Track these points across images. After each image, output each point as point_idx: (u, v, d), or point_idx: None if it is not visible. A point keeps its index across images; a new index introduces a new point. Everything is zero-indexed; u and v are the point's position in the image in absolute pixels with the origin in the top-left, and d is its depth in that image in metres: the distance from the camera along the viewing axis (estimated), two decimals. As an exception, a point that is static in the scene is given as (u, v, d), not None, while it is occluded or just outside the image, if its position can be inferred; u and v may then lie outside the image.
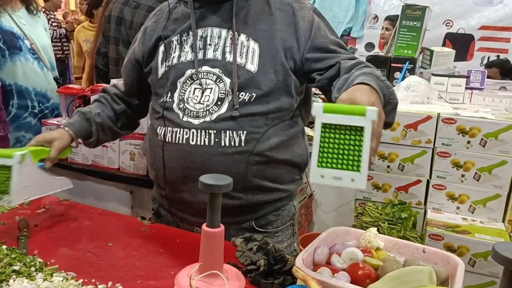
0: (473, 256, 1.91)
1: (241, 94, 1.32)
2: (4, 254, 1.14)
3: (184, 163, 1.34)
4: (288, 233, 1.49)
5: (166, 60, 1.41)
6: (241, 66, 1.33)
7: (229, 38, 1.35)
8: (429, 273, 0.92)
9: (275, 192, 1.40)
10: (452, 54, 2.75)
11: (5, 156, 1.26)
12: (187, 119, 1.33)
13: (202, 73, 1.35)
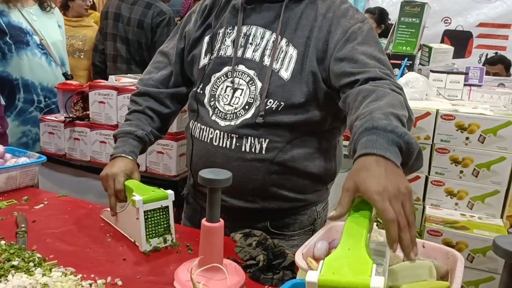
0: (471, 252, 1.91)
1: (269, 101, 1.28)
2: (2, 250, 1.14)
3: (207, 161, 1.34)
4: (305, 238, 1.30)
5: (209, 52, 1.40)
6: (275, 71, 1.29)
7: (271, 41, 1.31)
8: (429, 267, 0.92)
9: (293, 202, 1.37)
10: (451, 51, 2.75)
11: (163, 197, 1.23)
12: (215, 118, 1.33)
13: (237, 72, 1.33)
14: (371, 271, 0.68)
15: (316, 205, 1.43)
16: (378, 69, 1.15)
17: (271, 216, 1.38)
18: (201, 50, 1.42)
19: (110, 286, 1.05)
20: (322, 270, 0.69)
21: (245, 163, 1.29)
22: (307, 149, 1.32)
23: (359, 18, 1.29)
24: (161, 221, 1.23)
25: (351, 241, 0.76)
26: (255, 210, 1.35)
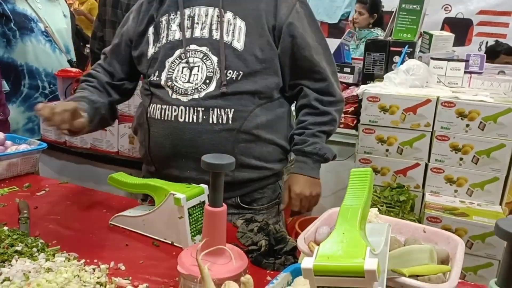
0: (470, 238, 1.93)
1: (228, 72, 1.34)
2: (5, 235, 1.14)
3: (173, 140, 1.37)
4: (273, 211, 1.54)
5: (157, 41, 1.44)
6: (228, 44, 1.35)
7: (215, 16, 1.37)
8: (430, 251, 0.93)
9: (261, 170, 1.44)
10: (451, 38, 2.74)
11: (200, 192, 1.21)
12: (176, 96, 1.36)
13: (190, 52, 1.37)
14: (365, 253, 0.69)
15: (278, 181, 1.56)
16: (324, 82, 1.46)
17: (240, 190, 1.44)
18: (148, 41, 1.46)
19: (113, 270, 1.06)
20: (317, 256, 0.70)
21: (214, 135, 1.34)
22: (269, 116, 1.41)
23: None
24: (200, 217, 1.20)
25: (345, 225, 0.76)
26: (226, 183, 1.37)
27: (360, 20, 4.23)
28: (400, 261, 0.91)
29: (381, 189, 2.18)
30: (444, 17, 4.56)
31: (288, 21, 1.38)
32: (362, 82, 2.70)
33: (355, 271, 0.67)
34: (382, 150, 2.18)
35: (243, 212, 1.46)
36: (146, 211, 1.25)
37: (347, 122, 2.72)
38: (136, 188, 1.28)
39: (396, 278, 0.85)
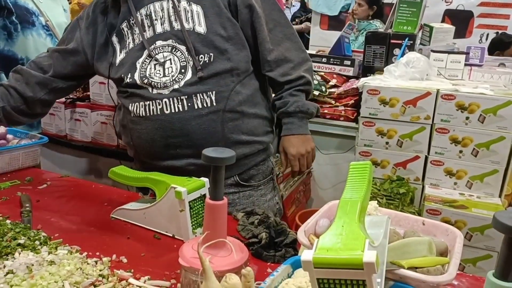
0: (469, 230, 1.94)
1: (200, 56, 1.38)
2: (8, 229, 1.15)
3: (164, 132, 1.39)
4: (269, 186, 1.60)
5: (124, 48, 1.46)
6: (191, 30, 1.38)
7: (171, 8, 1.40)
8: (429, 243, 0.94)
9: (252, 144, 1.48)
10: (452, 31, 2.73)
11: (201, 186, 1.20)
12: (157, 91, 1.39)
13: (157, 49, 1.40)
14: (363, 246, 0.70)
15: (269, 156, 1.61)
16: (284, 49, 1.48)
17: (237, 168, 1.48)
18: (114, 50, 1.48)
19: (115, 263, 1.07)
20: (316, 248, 0.71)
21: (202, 119, 1.37)
22: (248, 91, 1.46)
23: None
24: (201, 210, 1.21)
25: (345, 217, 0.77)
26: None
27: (359, 12, 4.22)
28: (399, 253, 0.92)
29: (381, 182, 2.19)
30: (444, 9, 4.53)
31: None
32: (362, 75, 2.70)
33: (354, 264, 0.67)
34: (382, 143, 2.19)
35: (242, 189, 1.52)
36: (147, 204, 1.26)
37: (347, 114, 2.73)
38: (137, 182, 1.28)
39: (395, 270, 0.86)
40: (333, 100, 2.78)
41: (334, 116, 2.76)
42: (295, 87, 1.49)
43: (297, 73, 1.48)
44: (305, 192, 2.94)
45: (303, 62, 1.51)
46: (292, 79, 1.48)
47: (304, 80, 1.49)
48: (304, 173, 1.59)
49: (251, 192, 1.53)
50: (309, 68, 1.53)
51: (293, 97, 1.49)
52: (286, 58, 1.47)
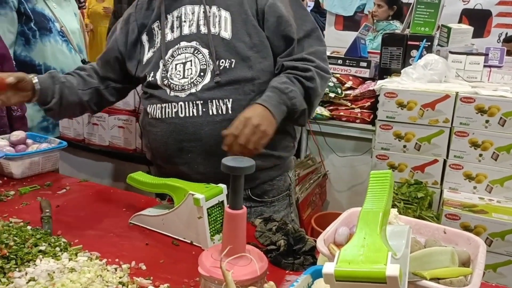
0: (489, 236, 1.91)
1: (221, 61, 1.37)
2: (29, 235, 1.16)
3: (177, 136, 1.39)
4: (284, 203, 1.53)
5: (152, 47, 1.47)
6: (216, 35, 1.38)
7: (201, 12, 1.41)
8: (451, 254, 0.93)
9: (267, 158, 1.42)
10: (470, 31, 2.69)
11: (219, 192, 1.20)
12: (174, 93, 1.39)
13: (181, 49, 1.41)
14: (386, 259, 0.69)
15: (287, 171, 1.54)
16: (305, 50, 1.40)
17: (251, 183, 1.43)
18: (144, 48, 1.49)
19: (134, 270, 1.08)
20: (338, 261, 0.70)
21: (215, 126, 1.34)
22: None
23: None
24: (219, 217, 1.21)
25: (366, 229, 0.76)
26: None
27: (379, 13, 4.18)
28: (421, 263, 0.91)
29: (398, 186, 2.17)
30: (462, 9, 4.47)
31: (268, 2, 1.39)
32: (379, 77, 2.68)
33: (377, 277, 0.67)
34: (399, 146, 2.17)
35: (254, 205, 1.47)
36: (165, 210, 1.26)
37: (364, 117, 2.71)
38: (155, 188, 1.29)
39: (417, 281, 0.85)
40: (349, 102, 2.77)
41: (350, 118, 2.75)
42: (297, 75, 1.35)
43: (308, 66, 1.37)
44: (321, 195, 2.92)
45: (322, 69, 1.40)
46: (298, 67, 1.37)
47: (310, 74, 1.36)
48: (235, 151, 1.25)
49: (263, 208, 1.47)
50: (323, 76, 1.40)
51: (290, 82, 1.34)
52: (305, 58, 1.39)
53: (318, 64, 1.39)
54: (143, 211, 1.32)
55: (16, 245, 1.10)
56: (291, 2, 1.43)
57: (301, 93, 1.35)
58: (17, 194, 1.49)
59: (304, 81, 1.36)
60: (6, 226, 1.20)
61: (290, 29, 1.38)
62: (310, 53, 1.40)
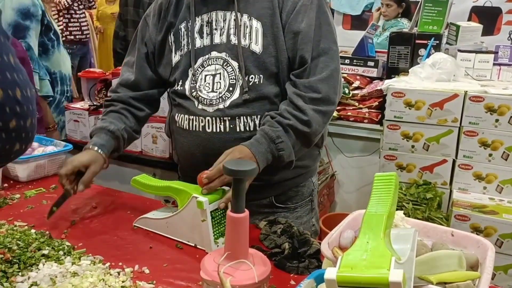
0: (500, 237, 1.88)
1: (250, 77, 1.31)
2: (33, 239, 1.16)
3: (203, 150, 1.36)
4: (306, 208, 1.51)
5: (178, 49, 1.41)
6: (246, 48, 1.32)
7: (232, 20, 1.33)
8: (459, 257, 0.90)
9: (295, 169, 1.40)
10: (479, 29, 2.65)
11: (222, 195, 1.18)
12: (202, 107, 1.35)
13: (211, 59, 1.35)
14: (389, 264, 0.67)
15: (311, 177, 1.51)
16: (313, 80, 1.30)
17: (275, 191, 1.42)
18: (171, 49, 1.43)
19: (138, 274, 1.07)
20: (340, 266, 0.69)
21: (242, 142, 1.29)
22: None
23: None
24: (223, 220, 1.20)
25: (370, 233, 0.75)
26: (261, 186, 1.35)
27: (389, 12, 4.14)
28: (427, 267, 0.89)
29: (407, 186, 2.14)
30: (471, 6, 4.42)
31: (291, 16, 1.30)
32: (387, 76, 2.65)
33: (380, 283, 0.65)
34: (407, 146, 2.14)
35: (277, 211, 1.43)
36: (169, 213, 1.25)
37: (371, 117, 2.68)
38: (159, 191, 1.28)
39: (423, 285, 0.83)
40: (356, 102, 2.74)
41: (357, 118, 2.72)
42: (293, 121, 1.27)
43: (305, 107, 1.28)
44: (328, 196, 2.90)
45: (322, 100, 1.30)
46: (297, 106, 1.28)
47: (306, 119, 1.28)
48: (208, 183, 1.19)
49: (285, 214, 1.43)
50: (324, 111, 1.31)
51: (283, 130, 1.27)
52: (313, 87, 1.30)
53: (323, 96, 1.29)
54: (147, 214, 1.31)
55: (19, 249, 1.10)
56: (318, 15, 1.31)
57: (292, 143, 1.28)
58: (23, 197, 1.49)
59: (299, 127, 1.28)
60: (11, 230, 1.21)
61: (305, 48, 1.29)
62: (321, 80, 1.29)
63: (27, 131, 0.66)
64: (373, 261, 0.68)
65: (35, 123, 0.67)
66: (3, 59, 0.59)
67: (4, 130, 0.62)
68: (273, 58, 1.31)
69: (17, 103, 0.61)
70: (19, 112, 0.62)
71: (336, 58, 1.34)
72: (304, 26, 1.30)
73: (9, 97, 0.60)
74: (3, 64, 0.59)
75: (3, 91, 0.59)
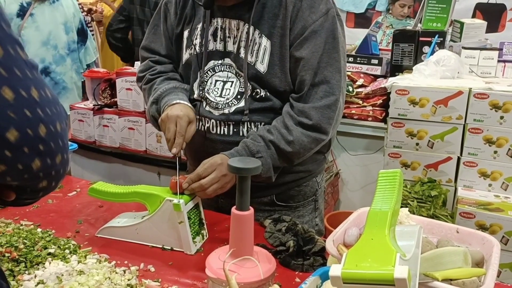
0: (506, 234, 1.87)
1: (256, 91, 1.30)
2: (39, 237, 1.17)
3: (207, 149, 1.36)
4: (309, 208, 1.49)
5: (189, 47, 1.39)
6: (251, 65, 1.29)
7: (245, 32, 1.30)
8: (464, 254, 0.90)
9: (297, 173, 1.40)
10: (484, 26, 2.64)
11: (194, 195, 1.20)
12: (208, 108, 1.35)
13: (224, 66, 1.34)
14: (394, 261, 0.67)
15: (316, 176, 1.48)
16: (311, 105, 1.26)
17: (276, 190, 1.41)
18: (183, 45, 1.40)
19: (143, 272, 1.07)
20: (345, 262, 0.69)
21: None
22: None
23: (323, 10, 1.25)
24: (196, 219, 1.20)
25: (374, 230, 0.75)
26: (262, 186, 1.34)
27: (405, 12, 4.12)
28: (432, 264, 0.88)
29: (411, 184, 2.14)
30: (476, 3, 4.40)
31: (298, 41, 1.26)
32: (391, 74, 2.64)
33: (385, 279, 0.65)
34: (412, 144, 2.14)
35: (278, 209, 1.43)
36: (138, 219, 1.22)
37: (375, 115, 2.67)
38: (123, 197, 1.22)
39: (428, 282, 0.83)
40: (360, 100, 2.74)
41: (361, 116, 2.72)
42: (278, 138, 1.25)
43: (294, 129, 1.26)
44: (333, 194, 2.90)
45: (312, 127, 1.27)
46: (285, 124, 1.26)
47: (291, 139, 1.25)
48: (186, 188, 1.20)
49: (287, 212, 1.41)
50: (313, 138, 1.27)
51: (265, 146, 1.26)
52: (305, 113, 1.26)
53: (314, 124, 1.26)
54: (111, 222, 1.27)
55: (25, 248, 1.11)
56: (327, 41, 1.26)
57: (273, 160, 1.26)
58: (28, 197, 1.50)
59: (282, 145, 1.25)
60: (17, 229, 1.21)
61: (305, 75, 1.26)
62: (315, 108, 1.26)
63: (57, 169, 0.58)
64: (378, 258, 0.68)
65: (67, 158, 0.60)
66: (21, 95, 0.52)
67: (27, 172, 0.55)
68: (277, 79, 1.28)
69: (40, 141, 0.54)
70: (43, 151, 0.55)
71: (338, 89, 1.27)
72: (307, 53, 1.25)
73: (28, 137, 0.52)
74: (21, 100, 0.52)
75: (19, 132, 0.51)
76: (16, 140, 0.51)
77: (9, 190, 0.59)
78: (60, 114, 0.58)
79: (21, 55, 0.54)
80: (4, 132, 0.50)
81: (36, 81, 0.55)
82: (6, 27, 0.52)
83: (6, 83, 0.50)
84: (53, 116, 0.56)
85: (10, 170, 0.53)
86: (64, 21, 2.86)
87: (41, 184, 0.58)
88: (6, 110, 0.50)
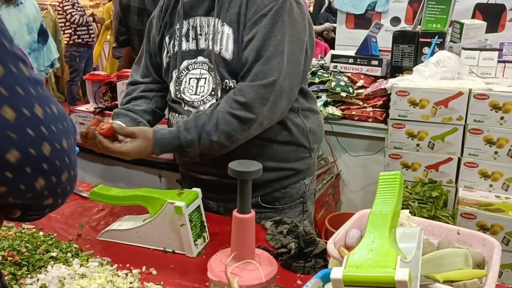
0: (507, 235, 1.87)
1: (225, 81, 1.32)
2: (41, 241, 1.17)
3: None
4: (297, 210, 1.48)
5: (168, 51, 1.44)
6: (217, 54, 1.31)
7: (211, 25, 1.33)
8: (465, 255, 0.90)
9: (280, 171, 1.41)
10: (483, 27, 2.64)
11: (196, 197, 1.20)
12: (187, 108, 1.39)
13: (198, 64, 1.37)
14: (395, 263, 0.68)
15: (304, 179, 1.48)
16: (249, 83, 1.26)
17: (260, 191, 1.41)
18: (164, 50, 1.45)
19: (145, 275, 1.08)
20: (346, 265, 0.69)
21: None
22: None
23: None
24: (197, 222, 1.21)
25: (375, 232, 0.75)
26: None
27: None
28: (433, 265, 0.89)
29: (412, 185, 2.14)
30: (475, 3, 4.40)
31: (247, 25, 1.28)
32: (391, 75, 2.65)
33: (386, 282, 0.65)
34: (412, 145, 2.14)
35: (264, 211, 1.43)
36: (139, 222, 1.23)
37: (376, 116, 2.68)
38: (125, 201, 1.24)
39: (429, 284, 0.83)
40: (360, 101, 2.74)
41: (362, 117, 2.72)
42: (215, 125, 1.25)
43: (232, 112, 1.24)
44: (334, 195, 2.90)
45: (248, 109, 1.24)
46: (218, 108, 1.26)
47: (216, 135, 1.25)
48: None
49: (272, 215, 1.41)
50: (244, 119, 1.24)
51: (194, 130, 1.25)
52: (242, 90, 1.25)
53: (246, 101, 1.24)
54: (113, 225, 1.28)
55: (28, 251, 1.11)
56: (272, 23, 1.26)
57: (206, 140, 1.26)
58: (30, 200, 1.50)
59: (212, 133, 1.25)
60: (19, 233, 1.22)
61: (248, 56, 1.27)
62: (252, 86, 1.25)
63: (63, 186, 0.55)
64: (379, 260, 0.69)
65: (74, 174, 0.57)
66: (23, 113, 0.49)
67: (30, 192, 0.52)
68: (243, 65, 1.29)
69: (44, 160, 0.51)
70: (47, 170, 0.52)
71: (277, 70, 1.25)
72: (253, 35, 1.26)
73: (30, 156, 0.50)
74: (23, 119, 0.49)
75: (20, 152, 0.49)
76: (17, 160, 0.49)
77: (14, 207, 0.57)
78: (68, 130, 0.55)
79: (24, 72, 0.51)
80: (4, 153, 0.48)
81: (40, 97, 0.52)
82: (8, 44, 0.50)
83: (7, 102, 0.48)
84: (59, 133, 0.53)
85: (12, 191, 0.51)
86: (27, 22, 3.05)
87: (46, 202, 0.56)
88: (6, 130, 0.48)
